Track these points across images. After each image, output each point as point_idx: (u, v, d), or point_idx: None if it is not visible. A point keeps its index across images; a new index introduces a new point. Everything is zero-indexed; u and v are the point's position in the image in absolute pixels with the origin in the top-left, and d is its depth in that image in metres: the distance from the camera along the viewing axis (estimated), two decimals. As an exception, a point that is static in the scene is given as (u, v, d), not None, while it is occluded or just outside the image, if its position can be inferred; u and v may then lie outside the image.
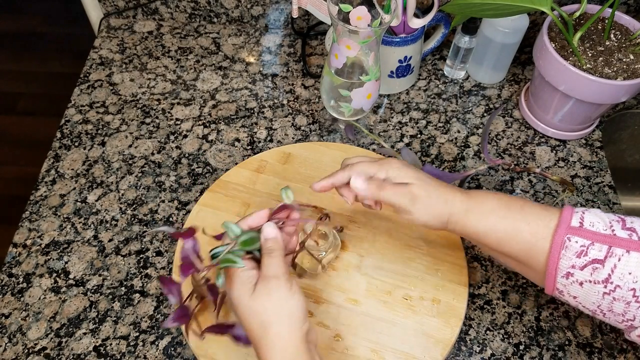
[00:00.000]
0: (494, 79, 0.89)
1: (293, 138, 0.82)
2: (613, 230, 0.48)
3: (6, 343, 0.63)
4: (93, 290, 0.67)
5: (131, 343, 0.63)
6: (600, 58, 0.74)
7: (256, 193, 0.73)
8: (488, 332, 0.65)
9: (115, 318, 0.65)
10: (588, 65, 0.73)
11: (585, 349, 0.65)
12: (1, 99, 1.95)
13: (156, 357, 0.62)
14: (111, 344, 0.63)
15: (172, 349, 0.63)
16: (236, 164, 0.77)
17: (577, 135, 0.82)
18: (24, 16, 2.20)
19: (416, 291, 0.65)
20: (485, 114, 0.86)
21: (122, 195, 0.75)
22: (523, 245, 0.51)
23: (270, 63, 0.91)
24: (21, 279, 0.68)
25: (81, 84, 0.88)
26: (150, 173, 0.78)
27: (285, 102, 0.86)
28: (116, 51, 0.92)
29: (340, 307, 0.64)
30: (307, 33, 0.94)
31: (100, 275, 0.68)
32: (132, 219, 0.73)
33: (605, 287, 0.47)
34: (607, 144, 0.86)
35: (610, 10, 0.76)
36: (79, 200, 0.75)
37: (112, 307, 0.66)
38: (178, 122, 0.83)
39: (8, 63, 2.06)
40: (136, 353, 0.63)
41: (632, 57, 0.73)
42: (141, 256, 0.70)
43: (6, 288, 0.67)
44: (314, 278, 0.66)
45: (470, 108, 0.86)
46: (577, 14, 0.76)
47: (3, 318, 0.65)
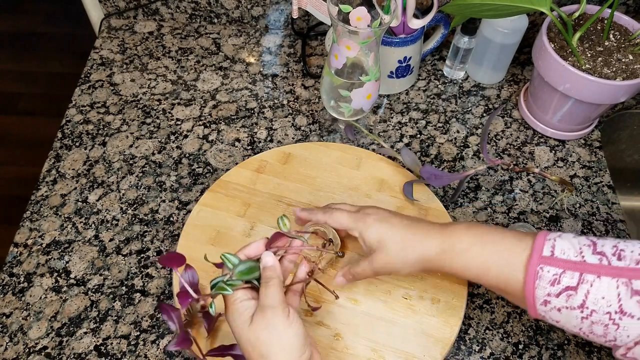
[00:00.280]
0: (493, 80, 0.90)
1: (293, 138, 0.82)
2: (583, 256, 0.49)
3: (7, 342, 0.63)
4: (94, 289, 0.67)
5: (132, 342, 0.64)
6: (599, 58, 0.74)
7: (256, 193, 0.73)
8: (487, 332, 0.66)
9: (116, 317, 0.65)
10: (587, 65, 0.73)
11: (584, 348, 0.65)
12: (1, 99, 1.95)
13: (157, 357, 0.63)
14: (112, 343, 0.63)
15: (173, 348, 0.63)
16: (236, 164, 0.77)
17: (576, 135, 0.83)
18: (24, 16, 2.20)
19: (416, 290, 0.66)
20: (484, 114, 0.86)
21: (123, 195, 0.76)
22: (499, 277, 0.53)
23: (270, 63, 0.91)
24: (22, 279, 0.68)
25: (82, 84, 0.88)
26: (150, 173, 0.78)
27: (285, 103, 0.86)
28: (117, 51, 0.92)
29: (340, 307, 0.64)
30: (307, 33, 0.94)
31: (101, 274, 0.69)
32: (133, 219, 0.73)
33: (582, 312, 0.48)
34: (606, 144, 0.87)
35: (609, 10, 0.76)
36: (80, 200, 0.75)
37: (113, 307, 0.66)
38: (178, 122, 0.83)
39: (8, 63, 2.06)
40: (137, 352, 0.63)
41: (631, 58, 0.74)
42: (142, 256, 0.70)
43: (7, 288, 0.67)
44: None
45: (469, 108, 0.86)
46: (576, 15, 0.76)
47: (4, 317, 0.65)
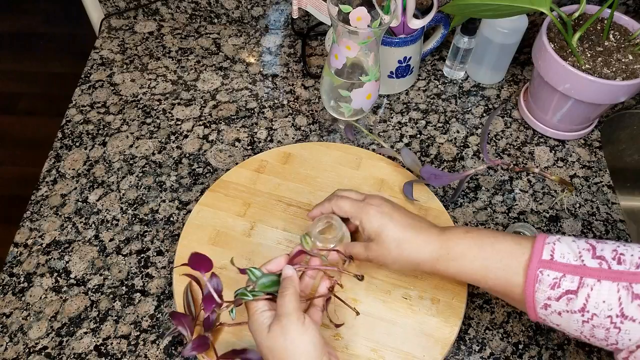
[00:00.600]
0: (493, 80, 0.90)
1: (293, 138, 0.82)
2: (582, 260, 0.49)
3: (7, 342, 0.63)
4: (94, 289, 0.67)
5: (132, 342, 0.64)
6: (599, 58, 0.74)
7: (256, 193, 0.73)
8: (487, 332, 0.66)
9: (116, 317, 0.65)
10: (587, 65, 0.73)
11: (584, 348, 0.65)
12: (1, 99, 1.95)
13: (157, 357, 0.63)
14: (112, 343, 0.63)
15: (173, 348, 0.63)
16: (236, 164, 0.77)
17: (576, 135, 0.83)
18: (24, 16, 2.20)
19: (415, 290, 0.66)
20: (484, 114, 0.86)
21: (123, 195, 0.76)
22: (498, 281, 0.53)
23: (270, 63, 0.92)
24: (22, 279, 0.68)
25: (82, 84, 0.88)
26: (151, 173, 0.78)
27: (285, 103, 0.86)
28: (117, 52, 0.92)
29: (340, 306, 0.64)
30: (307, 34, 0.94)
31: (101, 274, 0.69)
32: (133, 219, 0.73)
33: (582, 316, 0.48)
34: (606, 144, 0.87)
35: (609, 10, 0.76)
36: (80, 200, 0.75)
37: (113, 307, 0.66)
38: (179, 122, 0.83)
39: (8, 63, 2.06)
40: (137, 352, 0.63)
41: (631, 58, 0.74)
42: (142, 256, 0.70)
43: (7, 288, 0.67)
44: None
45: (469, 108, 0.87)
46: (576, 15, 0.76)
47: (4, 317, 0.65)
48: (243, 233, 0.70)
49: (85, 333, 0.64)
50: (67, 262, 0.69)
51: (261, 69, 0.91)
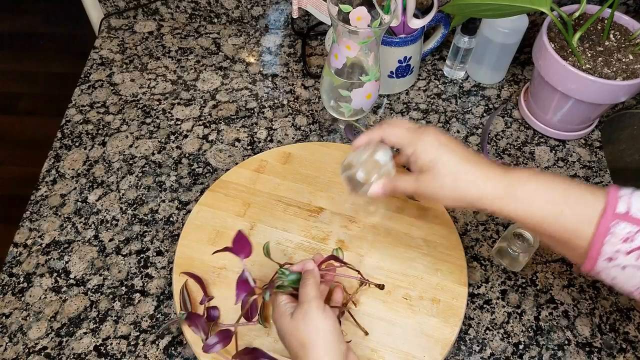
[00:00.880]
0: (494, 79, 0.89)
1: (293, 138, 0.82)
2: None
3: (7, 343, 0.63)
4: (93, 289, 0.67)
5: (132, 342, 0.64)
6: (599, 58, 0.74)
7: (256, 193, 0.73)
8: (487, 332, 0.65)
9: (115, 317, 0.65)
10: (587, 65, 0.73)
11: (584, 349, 0.65)
12: (1, 99, 1.95)
13: (157, 357, 0.63)
14: (112, 344, 0.63)
15: (173, 349, 0.63)
16: (236, 164, 0.77)
17: (577, 135, 0.83)
18: (24, 16, 2.20)
19: (416, 291, 0.66)
20: (484, 114, 0.86)
21: (123, 195, 0.76)
22: (565, 229, 0.50)
23: (270, 63, 0.91)
24: (22, 279, 0.68)
25: (82, 84, 0.88)
26: (150, 173, 0.78)
27: (285, 102, 0.86)
28: (117, 51, 0.92)
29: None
30: (307, 33, 0.94)
31: (100, 274, 0.68)
32: (133, 219, 0.73)
33: None
34: (607, 144, 0.86)
35: (609, 10, 0.76)
36: (80, 200, 0.75)
37: (113, 307, 0.66)
38: (178, 122, 0.83)
39: (8, 63, 2.06)
40: (137, 352, 0.63)
41: (632, 57, 0.74)
42: (142, 256, 0.70)
43: (7, 288, 0.67)
44: None
45: (469, 108, 0.86)
46: (577, 14, 0.76)
47: (4, 318, 0.65)
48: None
49: (85, 333, 0.64)
50: (67, 262, 0.69)
51: (261, 69, 0.90)
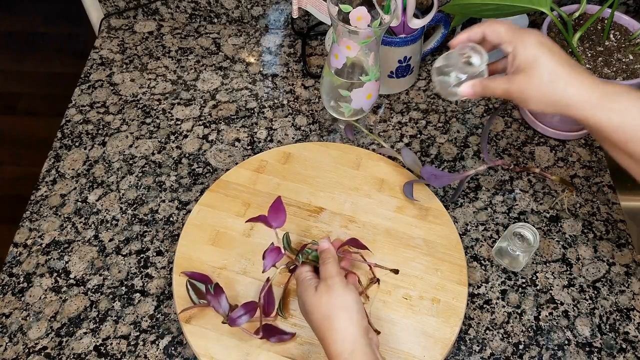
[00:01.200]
0: (494, 79, 0.89)
1: (293, 138, 0.82)
2: None
3: (7, 343, 0.63)
4: (93, 289, 0.67)
5: (132, 342, 0.64)
6: (599, 58, 0.74)
7: (256, 193, 0.73)
8: (487, 332, 0.65)
9: (115, 317, 0.65)
10: (587, 65, 0.73)
11: (584, 349, 0.65)
12: (1, 99, 1.95)
13: (157, 357, 0.63)
14: (112, 344, 0.63)
15: (173, 349, 0.63)
16: (236, 164, 0.77)
17: (577, 135, 0.83)
18: (24, 16, 2.20)
19: (416, 291, 0.66)
20: (484, 114, 0.86)
21: (123, 195, 0.76)
22: None
23: (270, 63, 0.91)
24: (22, 279, 0.68)
25: (82, 84, 0.88)
26: (150, 173, 0.78)
27: (285, 102, 0.86)
28: (117, 51, 0.92)
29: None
30: (307, 33, 0.94)
31: (100, 274, 0.68)
32: (133, 219, 0.73)
33: None
34: (607, 144, 0.86)
35: (609, 10, 0.76)
36: (80, 200, 0.75)
37: (113, 307, 0.66)
38: (178, 122, 0.83)
39: (8, 63, 2.06)
40: (137, 352, 0.63)
41: (632, 57, 0.74)
42: (142, 256, 0.70)
43: (7, 288, 0.67)
44: None
45: (469, 108, 0.86)
46: (577, 14, 0.76)
47: (4, 318, 0.65)
48: (243, 233, 0.70)
49: (85, 333, 0.64)
50: (67, 262, 0.69)
51: (261, 69, 0.90)
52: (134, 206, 0.74)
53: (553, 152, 0.82)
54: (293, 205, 0.72)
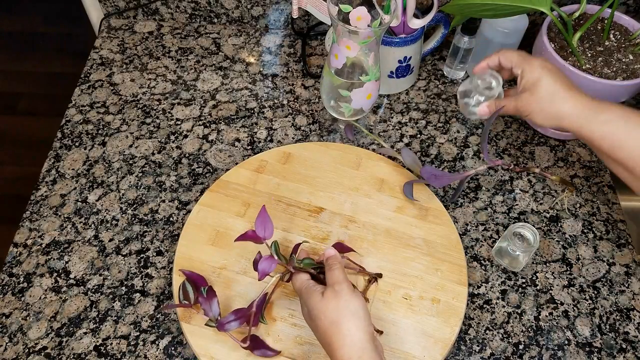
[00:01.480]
0: (494, 79, 0.89)
1: (293, 138, 0.82)
2: None
3: (7, 343, 0.63)
4: (93, 289, 0.67)
5: (132, 342, 0.64)
6: (599, 58, 0.74)
7: (256, 193, 0.73)
8: (487, 332, 0.65)
9: (115, 317, 0.65)
10: (587, 65, 0.73)
11: (584, 349, 0.65)
12: (1, 99, 1.95)
13: (157, 357, 0.63)
14: (112, 344, 0.63)
15: (173, 349, 0.63)
16: (236, 164, 0.77)
17: (577, 135, 0.82)
18: (24, 16, 2.20)
19: (416, 291, 0.66)
20: (484, 114, 0.86)
21: (123, 195, 0.76)
22: (632, 156, 0.58)
23: (270, 63, 0.91)
24: (22, 279, 0.68)
25: (82, 84, 0.88)
26: (150, 173, 0.78)
27: (285, 102, 0.86)
28: (117, 51, 0.92)
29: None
30: (307, 33, 0.94)
31: (100, 274, 0.68)
32: (133, 219, 0.73)
33: None
34: (607, 144, 0.86)
35: (609, 10, 0.76)
36: (80, 200, 0.75)
37: (113, 307, 0.66)
38: (178, 122, 0.83)
39: (8, 63, 2.06)
40: (136, 352, 0.63)
41: (632, 57, 0.74)
42: (141, 256, 0.70)
43: (7, 288, 0.67)
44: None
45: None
46: (577, 14, 0.76)
47: (4, 318, 0.65)
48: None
49: (84, 333, 0.64)
50: (67, 262, 0.69)
51: (261, 69, 0.90)
52: (134, 206, 0.74)
53: (553, 152, 0.82)
54: (293, 205, 0.72)
